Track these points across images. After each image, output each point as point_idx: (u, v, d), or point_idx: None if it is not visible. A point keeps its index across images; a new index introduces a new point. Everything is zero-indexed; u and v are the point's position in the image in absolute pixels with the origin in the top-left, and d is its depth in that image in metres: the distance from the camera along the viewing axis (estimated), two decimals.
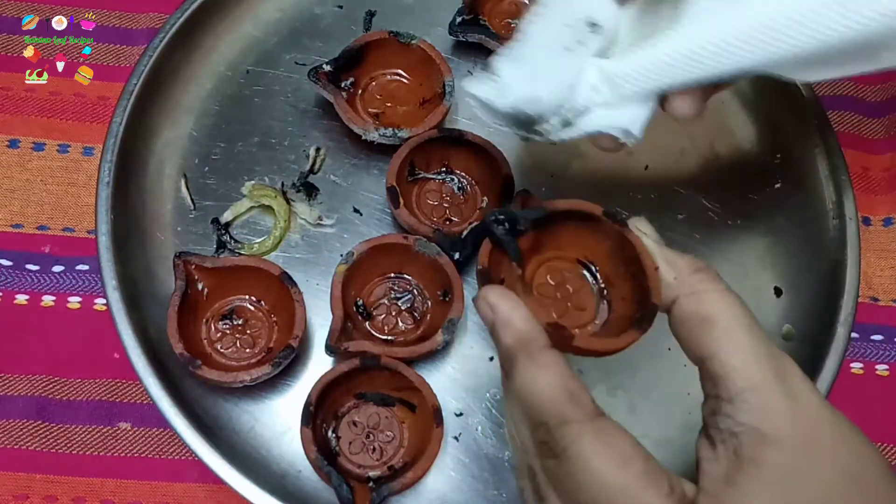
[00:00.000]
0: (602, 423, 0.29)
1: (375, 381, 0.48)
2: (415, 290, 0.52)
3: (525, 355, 0.30)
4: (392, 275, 0.52)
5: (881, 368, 0.59)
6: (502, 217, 0.37)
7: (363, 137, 0.54)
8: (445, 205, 0.54)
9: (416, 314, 0.51)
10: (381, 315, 0.51)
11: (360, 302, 0.51)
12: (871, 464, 0.28)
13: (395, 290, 0.52)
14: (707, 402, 0.30)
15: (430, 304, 0.51)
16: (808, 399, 0.29)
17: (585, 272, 0.39)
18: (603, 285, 0.38)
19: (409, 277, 0.52)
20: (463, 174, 0.55)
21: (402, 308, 0.51)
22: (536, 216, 0.37)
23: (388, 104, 0.56)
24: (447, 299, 0.50)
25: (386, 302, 0.51)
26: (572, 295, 0.38)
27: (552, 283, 0.39)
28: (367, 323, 0.51)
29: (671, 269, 0.33)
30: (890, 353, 0.59)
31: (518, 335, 0.31)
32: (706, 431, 0.30)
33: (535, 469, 0.31)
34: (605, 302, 0.38)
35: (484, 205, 0.54)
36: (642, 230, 0.36)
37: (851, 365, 0.59)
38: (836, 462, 0.28)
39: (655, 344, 0.39)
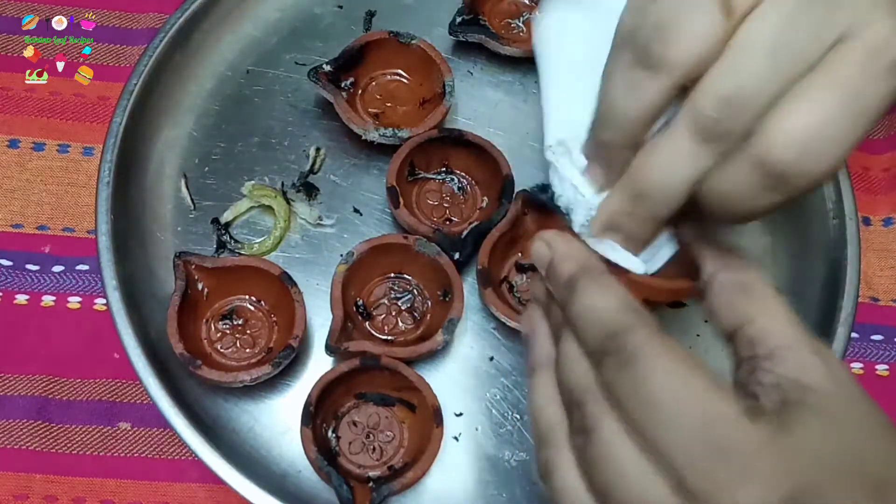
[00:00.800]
0: (667, 336, 0.30)
1: (375, 381, 0.48)
2: (415, 290, 0.52)
3: (588, 278, 0.32)
4: (392, 275, 0.52)
5: (881, 368, 0.59)
6: (546, 185, 0.39)
7: (363, 137, 0.54)
8: (445, 205, 0.54)
9: (416, 314, 0.51)
10: (381, 315, 0.51)
11: (360, 302, 0.51)
12: None
13: (395, 290, 0.52)
14: (743, 367, 0.31)
15: (430, 304, 0.51)
16: (839, 365, 0.30)
17: None
18: None
19: (409, 277, 0.52)
20: (463, 174, 0.55)
21: (402, 308, 0.51)
22: None
23: (388, 104, 0.56)
24: (447, 299, 0.50)
25: (386, 302, 0.51)
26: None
27: None
28: (367, 323, 0.51)
29: (707, 249, 0.34)
30: (890, 353, 0.59)
31: (580, 263, 0.33)
32: (745, 391, 0.30)
33: (584, 399, 0.30)
34: None
35: (484, 205, 0.54)
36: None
37: (851, 365, 0.59)
38: (876, 418, 0.29)
39: None
